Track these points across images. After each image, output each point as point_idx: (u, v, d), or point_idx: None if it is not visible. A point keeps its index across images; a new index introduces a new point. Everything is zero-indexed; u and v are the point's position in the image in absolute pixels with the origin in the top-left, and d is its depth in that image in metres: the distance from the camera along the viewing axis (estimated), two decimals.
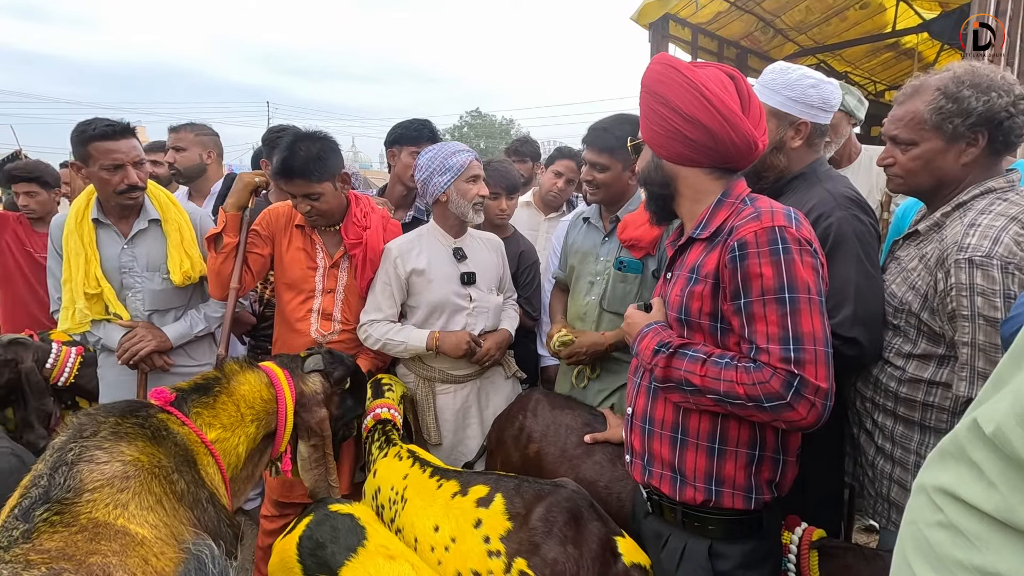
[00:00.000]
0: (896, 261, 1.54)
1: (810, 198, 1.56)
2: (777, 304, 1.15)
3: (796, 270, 1.16)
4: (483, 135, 42.74)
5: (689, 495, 1.29)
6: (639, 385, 1.41)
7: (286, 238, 2.22)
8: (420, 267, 2.14)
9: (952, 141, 1.37)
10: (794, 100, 1.59)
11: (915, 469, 1.39)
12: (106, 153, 2.07)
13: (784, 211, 1.22)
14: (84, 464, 1.08)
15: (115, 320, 2.21)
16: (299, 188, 2.06)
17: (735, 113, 1.24)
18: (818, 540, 1.42)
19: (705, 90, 1.24)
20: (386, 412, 2.01)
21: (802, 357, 1.13)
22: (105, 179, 2.09)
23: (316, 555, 1.33)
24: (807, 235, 1.21)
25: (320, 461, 1.67)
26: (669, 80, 1.28)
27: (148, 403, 1.37)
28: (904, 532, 0.64)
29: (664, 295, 1.39)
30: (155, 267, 2.25)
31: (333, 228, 2.23)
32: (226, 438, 1.44)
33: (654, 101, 1.30)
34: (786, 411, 1.13)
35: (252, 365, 1.61)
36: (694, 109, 1.24)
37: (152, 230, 2.25)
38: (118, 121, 2.14)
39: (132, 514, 1.06)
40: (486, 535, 1.45)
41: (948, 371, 1.35)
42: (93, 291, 2.16)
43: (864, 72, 7.46)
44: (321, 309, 2.21)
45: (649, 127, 1.34)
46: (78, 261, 2.14)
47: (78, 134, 2.08)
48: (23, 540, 0.91)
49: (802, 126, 1.61)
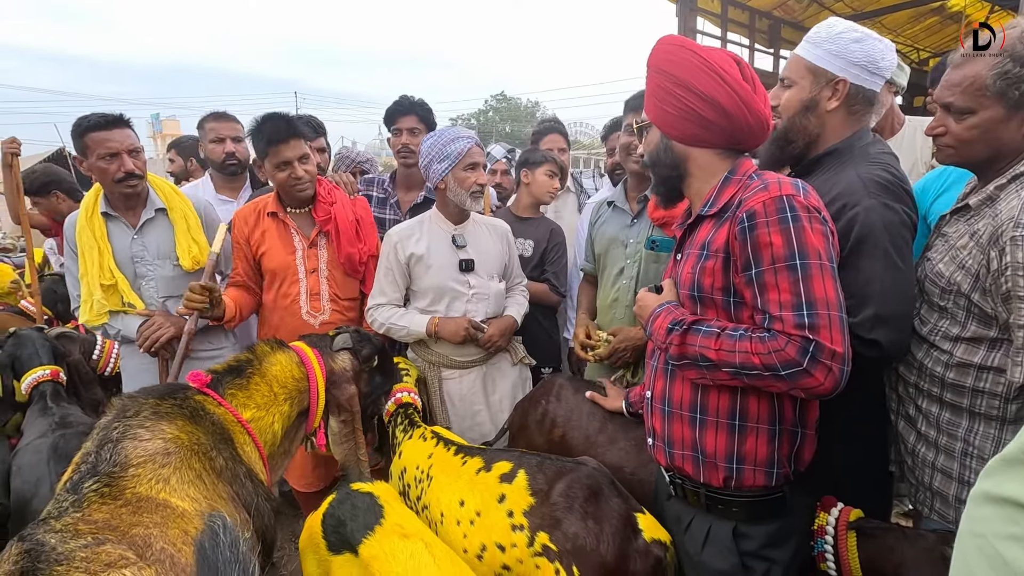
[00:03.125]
0: (943, 238, 1.41)
1: (838, 182, 1.42)
2: (788, 271, 1.14)
3: (806, 236, 1.14)
4: (508, 119, 42.37)
5: (712, 475, 1.30)
6: (656, 367, 1.41)
7: (259, 230, 2.28)
8: (419, 253, 2.16)
9: (1016, 109, 1.25)
10: (834, 54, 1.44)
11: (962, 457, 1.34)
12: (101, 143, 2.14)
13: (791, 182, 1.21)
14: (128, 441, 1.15)
15: (131, 310, 2.28)
16: (294, 150, 2.14)
17: (750, 93, 1.24)
18: (856, 520, 1.39)
19: (721, 70, 1.23)
20: (407, 396, 2.05)
21: (816, 322, 1.12)
22: (103, 168, 2.16)
23: (338, 532, 1.38)
24: (815, 203, 1.20)
25: (350, 436, 1.73)
26: (684, 60, 1.27)
27: (186, 386, 1.44)
28: (968, 544, 0.61)
29: (675, 275, 1.39)
30: (165, 255, 2.32)
31: (304, 210, 2.29)
32: (261, 417, 1.50)
33: (667, 81, 1.29)
34: (803, 378, 1.13)
35: (282, 346, 1.66)
36: (712, 89, 1.24)
37: (159, 219, 2.33)
38: (111, 113, 2.21)
39: (173, 488, 1.12)
40: (510, 509, 1.49)
41: (1001, 355, 1.27)
42: (108, 282, 2.24)
43: (907, 39, 7.10)
44: (308, 290, 2.27)
45: (660, 107, 1.32)
46: (92, 255, 2.22)
47: (75, 128, 2.17)
48: (73, 510, 0.98)
49: (840, 85, 1.44)
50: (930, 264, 1.41)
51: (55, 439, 2.05)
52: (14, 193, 3.18)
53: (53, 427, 2.13)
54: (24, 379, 2.44)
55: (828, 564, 1.38)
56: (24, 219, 3.25)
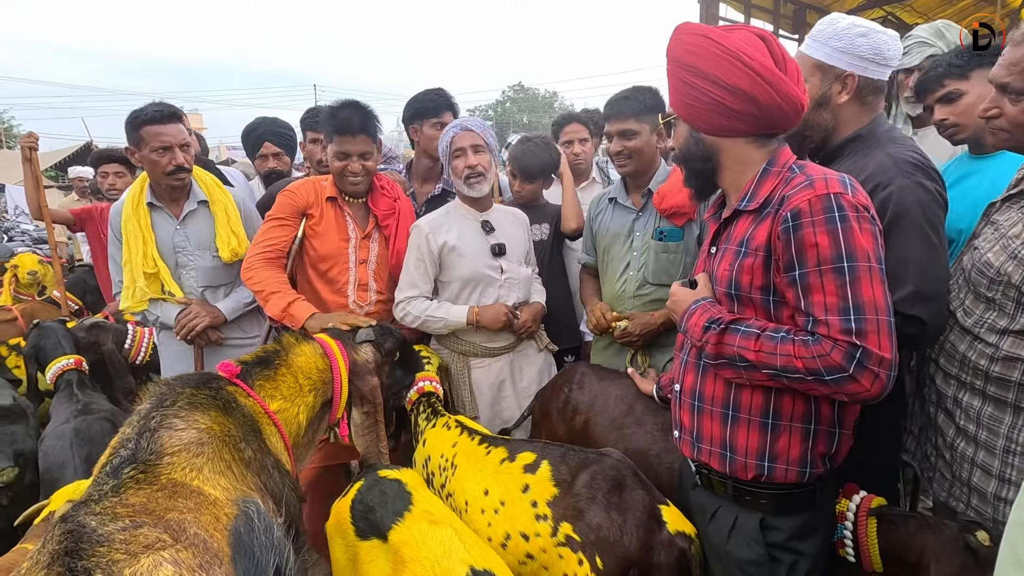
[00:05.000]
0: (993, 226, 1.37)
1: (867, 164, 1.43)
2: (835, 274, 1.10)
3: (854, 237, 1.10)
4: (526, 109, 42.20)
5: (740, 470, 1.27)
6: (686, 361, 1.38)
7: (318, 211, 2.27)
8: (451, 242, 2.17)
9: None
10: (840, 51, 1.47)
11: (1003, 454, 1.30)
12: (156, 136, 2.20)
13: (838, 177, 1.16)
14: (164, 431, 1.18)
15: (170, 298, 2.35)
16: (359, 145, 2.15)
17: (778, 75, 1.18)
18: (877, 507, 1.37)
19: (744, 56, 1.17)
20: (429, 385, 2.07)
21: (864, 327, 1.09)
22: (155, 160, 2.22)
23: (367, 518, 1.40)
24: (863, 201, 1.15)
25: (372, 428, 1.75)
26: (702, 50, 1.21)
27: (218, 376, 1.47)
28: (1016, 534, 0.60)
29: (710, 270, 1.35)
30: (205, 246, 2.39)
31: (361, 201, 2.29)
32: (287, 408, 1.52)
33: (688, 74, 1.24)
34: (848, 383, 1.10)
35: (307, 337, 1.69)
36: (735, 78, 1.18)
37: (201, 211, 2.39)
38: (167, 106, 2.26)
39: (206, 477, 1.15)
40: (533, 500, 1.50)
41: None
42: (151, 270, 2.31)
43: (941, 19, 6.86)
44: (357, 280, 2.27)
45: (684, 101, 1.27)
46: (136, 243, 2.30)
47: (131, 120, 2.23)
48: (112, 494, 1.01)
49: (849, 79, 1.48)
50: (978, 253, 1.36)
51: (77, 424, 2.15)
52: (34, 187, 3.26)
53: (76, 413, 2.22)
54: (48, 369, 2.54)
55: (847, 550, 1.36)
56: (45, 213, 3.32)
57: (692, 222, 2.03)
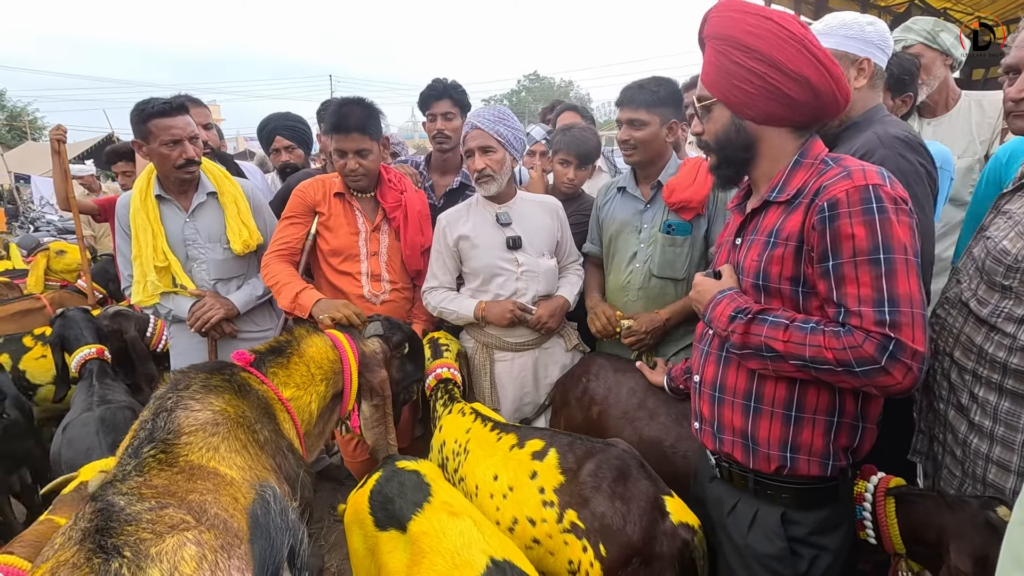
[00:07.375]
0: (1006, 215, 1.36)
1: (857, 142, 1.49)
2: (871, 265, 1.08)
3: (892, 229, 1.08)
4: (541, 99, 41.87)
5: (763, 463, 1.26)
6: (707, 352, 1.37)
7: (326, 206, 2.30)
8: (465, 233, 2.18)
9: None
10: (853, 39, 1.52)
11: (1023, 449, 1.27)
12: (165, 129, 2.18)
13: (876, 170, 1.14)
14: (180, 411, 1.23)
15: (182, 292, 2.34)
16: (354, 143, 2.15)
17: (837, 65, 1.15)
18: (895, 487, 1.36)
19: (809, 43, 1.14)
20: (447, 372, 2.10)
21: (898, 320, 1.06)
22: (165, 154, 2.20)
23: (386, 509, 1.41)
24: (902, 193, 1.13)
25: (381, 420, 1.79)
26: (765, 32, 1.16)
27: (232, 363, 1.52)
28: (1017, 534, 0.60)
29: (736, 261, 1.32)
30: (216, 238, 2.37)
31: (369, 195, 2.31)
32: (299, 396, 1.56)
33: (744, 56, 1.17)
34: (880, 376, 1.07)
35: (317, 329, 1.73)
36: (801, 65, 1.14)
37: (210, 203, 2.37)
38: (174, 98, 2.25)
39: (222, 456, 1.19)
40: (541, 486, 1.53)
41: None
42: (161, 264, 2.29)
43: (966, 6, 6.66)
44: (369, 271, 2.31)
45: (733, 85, 1.21)
46: (146, 237, 2.27)
47: (138, 113, 2.19)
48: (136, 474, 1.06)
49: (865, 64, 1.54)
50: (991, 242, 1.34)
51: (102, 412, 2.18)
52: (62, 178, 3.30)
53: (95, 403, 2.26)
54: (73, 357, 2.60)
55: (867, 532, 1.35)
56: (73, 204, 3.38)
57: (700, 217, 2.01)
